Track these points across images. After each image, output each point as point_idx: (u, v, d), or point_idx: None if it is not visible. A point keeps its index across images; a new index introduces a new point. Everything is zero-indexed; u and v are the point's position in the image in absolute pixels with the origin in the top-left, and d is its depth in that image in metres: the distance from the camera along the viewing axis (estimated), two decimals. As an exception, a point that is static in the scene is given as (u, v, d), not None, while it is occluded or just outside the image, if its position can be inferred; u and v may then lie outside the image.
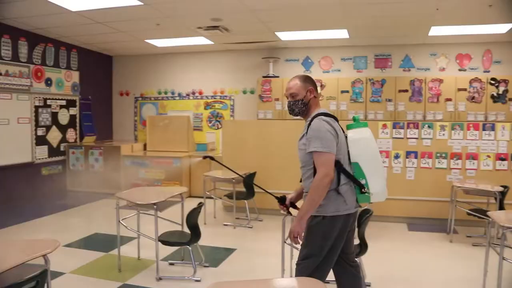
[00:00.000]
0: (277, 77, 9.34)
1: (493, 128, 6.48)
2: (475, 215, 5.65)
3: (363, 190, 2.93)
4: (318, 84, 8.91)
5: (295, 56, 9.58)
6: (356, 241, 4.08)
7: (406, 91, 8.61)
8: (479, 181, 6.23)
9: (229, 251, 5.56)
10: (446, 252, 5.60)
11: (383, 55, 9.16)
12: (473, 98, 8.41)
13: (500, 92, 8.37)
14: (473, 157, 6.54)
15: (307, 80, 3.13)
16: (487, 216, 4.17)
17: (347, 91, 8.79)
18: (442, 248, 5.73)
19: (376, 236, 6.14)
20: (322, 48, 9.37)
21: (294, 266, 4.46)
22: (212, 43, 9.13)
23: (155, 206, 4.46)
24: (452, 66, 8.94)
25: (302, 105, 3.08)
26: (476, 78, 8.45)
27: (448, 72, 8.87)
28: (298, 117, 3.20)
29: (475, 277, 4.37)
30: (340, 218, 2.93)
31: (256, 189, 6.87)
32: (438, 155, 6.61)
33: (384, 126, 6.74)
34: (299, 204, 3.16)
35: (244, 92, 9.95)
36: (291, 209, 3.36)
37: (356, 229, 3.91)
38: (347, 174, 2.93)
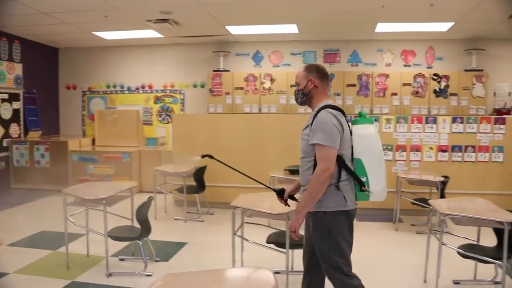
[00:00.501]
0: (228, 71, 9.37)
1: (435, 121, 6.75)
2: (418, 204, 5.90)
3: (363, 188, 2.83)
4: (267, 79, 9.01)
5: (246, 50, 9.62)
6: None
7: (354, 85, 8.84)
8: (422, 172, 6.49)
9: (180, 245, 5.54)
10: (392, 240, 5.81)
11: (331, 50, 9.34)
12: (417, 92, 8.73)
13: (442, 87, 8.74)
14: (417, 149, 6.79)
15: (312, 70, 3.01)
16: (429, 204, 4.35)
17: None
18: (388, 237, 5.94)
19: (325, 227, 6.28)
20: (272, 42, 9.46)
21: (245, 258, 4.56)
22: (162, 36, 9.04)
23: (104, 201, 4.39)
24: (397, 61, 9.23)
25: (302, 95, 3.01)
26: (420, 73, 8.78)
27: (394, 68, 9.16)
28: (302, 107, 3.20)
29: (418, 263, 4.56)
30: (341, 214, 2.85)
31: (207, 183, 6.89)
32: (384, 147, 6.82)
33: (333, 119, 6.88)
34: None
35: (195, 86, 9.91)
36: (290, 201, 3.31)
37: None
38: (348, 170, 2.84)
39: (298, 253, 4.38)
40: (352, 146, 2.90)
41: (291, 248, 4.15)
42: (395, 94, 8.73)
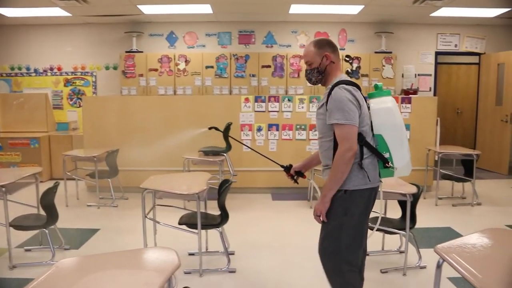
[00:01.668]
0: (141, 52, 9.10)
1: (346, 100, 6.94)
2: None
3: (386, 164, 2.71)
4: (182, 60, 8.85)
5: (159, 31, 9.37)
6: (217, 212, 4.18)
7: (269, 66, 8.90)
8: (335, 150, 6.67)
9: (92, 232, 5.35)
10: (306, 218, 5.91)
11: (246, 31, 9.33)
12: (330, 73, 8.93)
13: (354, 68, 9.02)
14: (329, 128, 6.97)
15: (324, 44, 2.82)
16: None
17: (212, 67, 8.86)
18: (303, 215, 6.07)
19: (242, 207, 6.33)
20: (186, 23, 9.28)
21: (159, 241, 4.49)
22: (70, 15, 8.58)
23: (3, 189, 4.12)
24: (311, 43, 9.38)
25: (318, 74, 2.82)
26: (333, 54, 8.97)
27: (308, 49, 9.30)
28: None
29: (330, 238, 4.69)
30: (362, 193, 2.73)
31: (120, 167, 6.69)
32: (298, 127, 6.95)
33: (246, 100, 6.90)
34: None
35: (107, 68, 9.54)
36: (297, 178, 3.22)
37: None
38: (370, 147, 2.72)
39: (212, 234, 4.38)
40: (371, 122, 2.76)
41: (204, 229, 4.13)
42: (309, 75, 8.89)
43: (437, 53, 9.77)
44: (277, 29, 9.34)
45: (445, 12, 8.39)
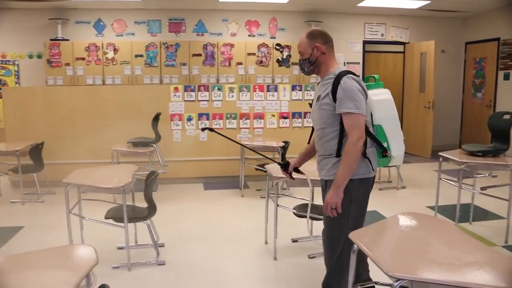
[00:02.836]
0: (67, 40, 8.74)
1: (276, 89, 7.04)
2: (260, 169, 6.14)
3: (385, 153, 2.82)
4: (110, 49, 8.60)
5: (86, 18, 9.03)
6: (144, 204, 4.13)
7: (200, 55, 8.83)
8: (266, 138, 6.76)
9: (15, 230, 5.13)
10: (238, 206, 6.00)
11: (177, 19, 9.18)
12: (262, 62, 9.00)
13: (285, 57, 9.12)
14: (260, 116, 7.04)
15: (315, 36, 2.84)
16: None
17: (141, 55, 8.66)
18: (235, 203, 6.12)
19: (173, 198, 6.29)
20: (114, 10, 9.00)
21: (87, 236, 4.38)
22: (-13, 0, 8.12)
23: None
24: (242, 31, 9.40)
25: (309, 64, 2.85)
26: (264, 43, 9.05)
27: (239, 38, 9.31)
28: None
29: (261, 226, 4.75)
30: (366, 181, 2.84)
31: (46, 161, 6.44)
32: (228, 116, 6.96)
33: (176, 89, 6.83)
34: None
35: (30, 57, 9.09)
36: (295, 174, 3.23)
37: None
38: (372, 137, 2.82)
39: (142, 226, 4.33)
40: (371, 113, 2.84)
41: (131, 222, 4.07)
42: (240, 63, 8.91)
43: (365, 42, 10.06)
44: (208, 17, 9.26)
45: (371, 2, 8.63)
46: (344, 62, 9.88)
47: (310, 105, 3.04)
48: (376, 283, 2.45)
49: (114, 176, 4.17)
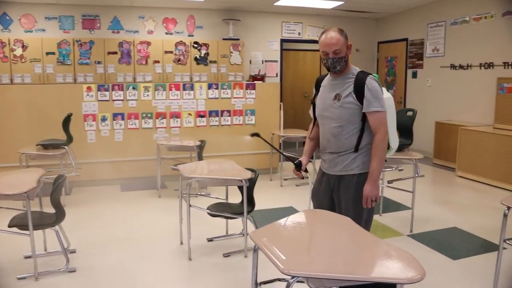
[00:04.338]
0: (-31, 36, 8.22)
1: (192, 88, 7.01)
2: (176, 169, 6.07)
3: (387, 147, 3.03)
4: (18, 45, 8.18)
5: (-10, 12, 8.55)
6: (52, 210, 3.98)
7: (116, 53, 8.62)
8: (183, 137, 6.72)
9: None
10: (155, 207, 5.93)
11: (91, 15, 8.89)
12: (179, 60, 8.94)
13: (202, 55, 9.10)
14: (176, 115, 6.99)
15: (346, 35, 2.93)
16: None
17: (53, 53, 8.30)
18: (152, 204, 6.03)
19: (88, 201, 6.11)
20: (22, 4, 8.54)
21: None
22: None
23: None
24: (159, 29, 9.27)
25: (344, 63, 2.91)
26: (181, 41, 8.99)
27: (156, 35, 9.18)
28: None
29: (177, 226, 4.70)
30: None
31: None
32: (144, 115, 6.85)
33: (89, 88, 6.61)
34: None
35: None
36: (304, 174, 3.24)
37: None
38: None
39: (49, 233, 4.16)
40: None
41: (37, 229, 3.90)
42: (157, 61, 8.80)
43: (283, 40, 10.25)
44: (123, 14, 9.05)
45: (288, 1, 8.80)
46: (263, 60, 10.03)
47: (312, 102, 3.22)
48: (279, 279, 2.51)
49: (19, 181, 3.98)
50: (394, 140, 3.11)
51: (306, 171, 3.26)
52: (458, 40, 8.44)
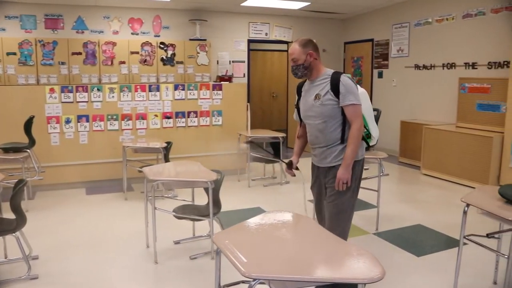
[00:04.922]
0: None
1: (158, 89, 6.95)
2: (141, 171, 6.03)
3: (367, 135, 3.42)
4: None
5: (-52, 12, 8.29)
6: (12, 216, 3.88)
7: (80, 53, 8.47)
8: (150, 139, 6.65)
9: None
10: (121, 210, 5.85)
11: (54, 15, 8.71)
12: (146, 61, 8.85)
13: (169, 56, 9.04)
14: (143, 117, 6.91)
15: (307, 44, 3.28)
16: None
17: (14, 53, 8.09)
18: (118, 207, 5.94)
19: (52, 206, 5.97)
20: (-19, 4, 8.35)
21: None
22: None
23: None
24: (125, 29, 9.16)
25: (303, 69, 3.26)
26: (147, 42, 8.90)
27: (122, 36, 9.07)
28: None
29: (143, 230, 4.66)
30: (362, 161, 3.35)
31: None
32: (110, 117, 6.75)
33: (52, 90, 6.46)
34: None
35: None
36: (295, 172, 3.67)
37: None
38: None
39: (10, 240, 4.05)
40: None
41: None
42: (123, 62, 8.68)
43: (250, 41, 10.26)
44: (88, 14, 8.90)
45: (254, 2, 8.80)
46: (230, 61, 10.02)
47: (296, 106, 3.52)
48: (242, 281, 2.50)
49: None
50: (374, 129, 3.49)
51: (297, 168, 3.68)
52: (422, 41, 8.61)
